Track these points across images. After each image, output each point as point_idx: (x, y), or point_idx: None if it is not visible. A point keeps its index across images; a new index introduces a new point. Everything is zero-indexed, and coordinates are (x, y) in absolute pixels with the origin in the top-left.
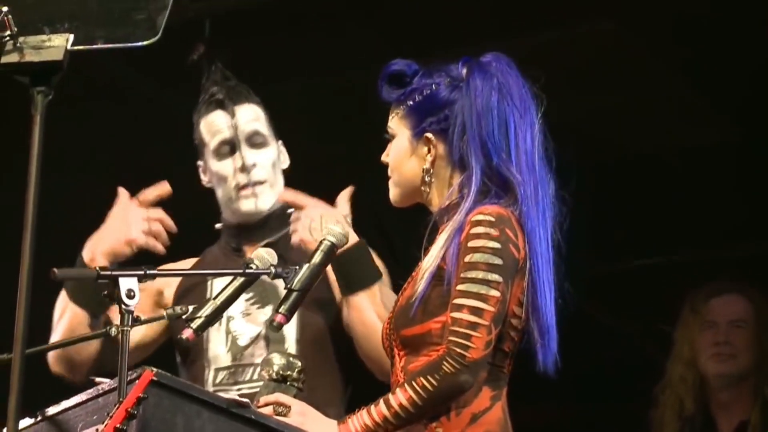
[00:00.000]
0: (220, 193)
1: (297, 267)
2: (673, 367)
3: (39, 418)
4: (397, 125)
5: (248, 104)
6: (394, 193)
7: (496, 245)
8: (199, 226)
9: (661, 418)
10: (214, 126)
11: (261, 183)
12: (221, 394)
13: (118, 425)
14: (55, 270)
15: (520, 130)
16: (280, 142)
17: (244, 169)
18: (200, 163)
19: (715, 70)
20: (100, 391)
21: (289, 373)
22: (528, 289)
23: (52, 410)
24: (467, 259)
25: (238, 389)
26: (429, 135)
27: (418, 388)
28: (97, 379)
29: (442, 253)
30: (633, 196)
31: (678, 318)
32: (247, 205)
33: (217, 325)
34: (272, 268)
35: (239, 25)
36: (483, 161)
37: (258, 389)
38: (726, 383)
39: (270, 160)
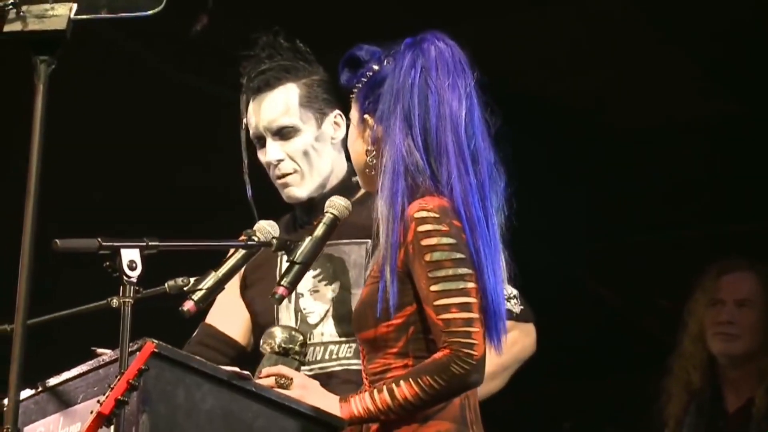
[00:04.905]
0: None
1: (299, 240)
2: (683, 340)
3: (40, 389)
4: (352, 111)
5: (282, 87)
6: (359, 182)
7: (451, 240)
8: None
9: (670, 389)
10: (249, 118)
11: (289, 174)
12: None
13: (119, 397)
14: (57, 241)
15: (447, 103)
16: (336, 112)
17: (269, 165)
18: None
19: (715, 42)
20: (102, 363)
21: (291, 346)
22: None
23: (53, 381)
24: (428, 258)
25: (310, 369)
26: (366, 116)
27: (424, 386)
28: (99, 350)
29: (387, 253)
30: (635, 171)
31: (676, 293)
32: (285, 194)
33: (286, 302)
34: (274, 240)
35: None
36: (403, 139)
37: (327, 368)
38: (732, 362)
39: (299, 149)
